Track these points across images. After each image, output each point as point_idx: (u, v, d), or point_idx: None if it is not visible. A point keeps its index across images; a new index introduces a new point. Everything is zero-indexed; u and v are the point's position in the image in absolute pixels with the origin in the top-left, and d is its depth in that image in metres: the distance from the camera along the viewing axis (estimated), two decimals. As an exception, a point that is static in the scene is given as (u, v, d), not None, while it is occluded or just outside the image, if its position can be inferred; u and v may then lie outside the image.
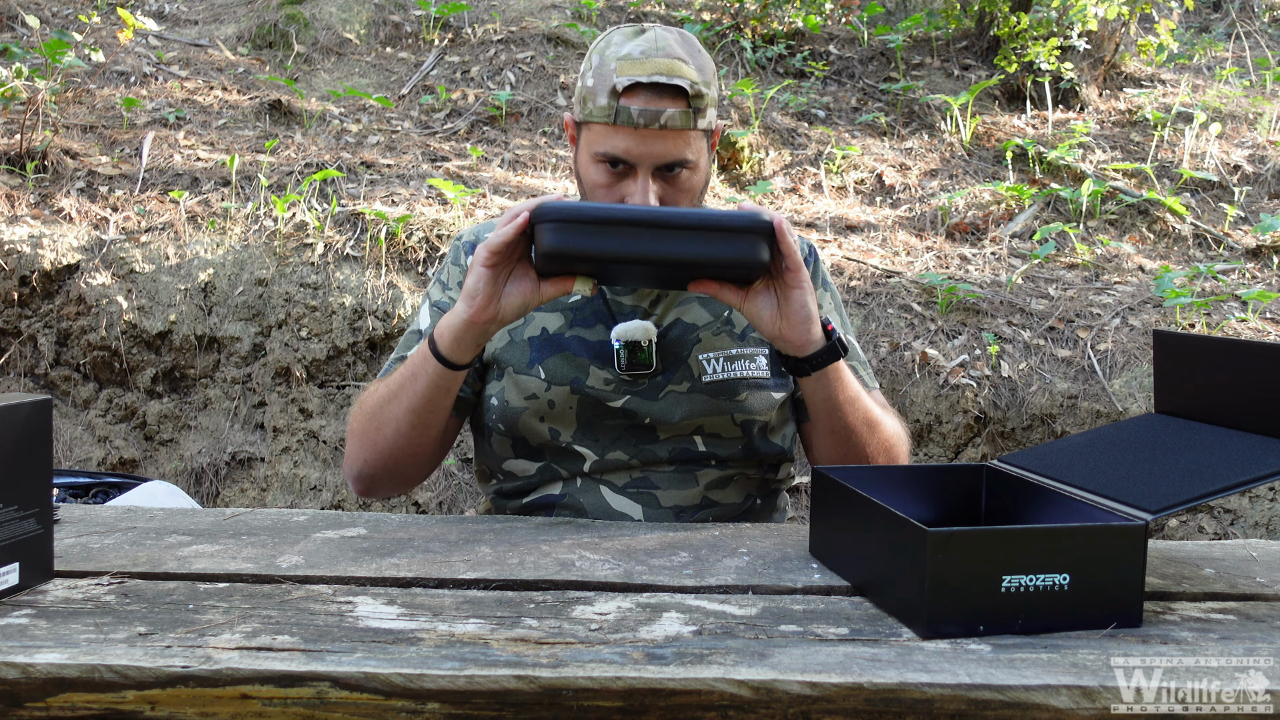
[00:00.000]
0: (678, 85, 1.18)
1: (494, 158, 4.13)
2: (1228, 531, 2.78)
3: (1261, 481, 0.86)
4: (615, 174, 1.22)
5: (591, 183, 1.25)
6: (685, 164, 1.22)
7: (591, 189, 1.25)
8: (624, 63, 1.19)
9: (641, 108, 1.18)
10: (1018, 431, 3.00)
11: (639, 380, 1.28)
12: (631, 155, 1.20)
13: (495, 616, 0.82)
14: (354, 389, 3.20)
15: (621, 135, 1.19)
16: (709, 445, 1.29)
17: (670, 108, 1.18)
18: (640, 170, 1.20)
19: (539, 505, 1.30)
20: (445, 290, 1.37)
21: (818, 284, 1.40)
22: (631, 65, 1.19)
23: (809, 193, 4.19)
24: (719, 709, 0.71)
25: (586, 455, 1.28)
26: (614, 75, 1.19)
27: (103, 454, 3.15)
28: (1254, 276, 3.66)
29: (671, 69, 1.18)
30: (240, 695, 0.70)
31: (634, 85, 1.18)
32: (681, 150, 1.21)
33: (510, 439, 1.31)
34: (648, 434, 1.28)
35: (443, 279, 1.39)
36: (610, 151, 1.20)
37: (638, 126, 1.18)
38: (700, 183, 1.28)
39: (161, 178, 3.64)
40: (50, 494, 0.88)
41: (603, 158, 1.21)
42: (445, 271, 1.39)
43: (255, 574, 0.91)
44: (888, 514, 0.84)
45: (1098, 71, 5.10)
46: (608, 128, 1.20)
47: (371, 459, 1.27)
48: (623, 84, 1.18)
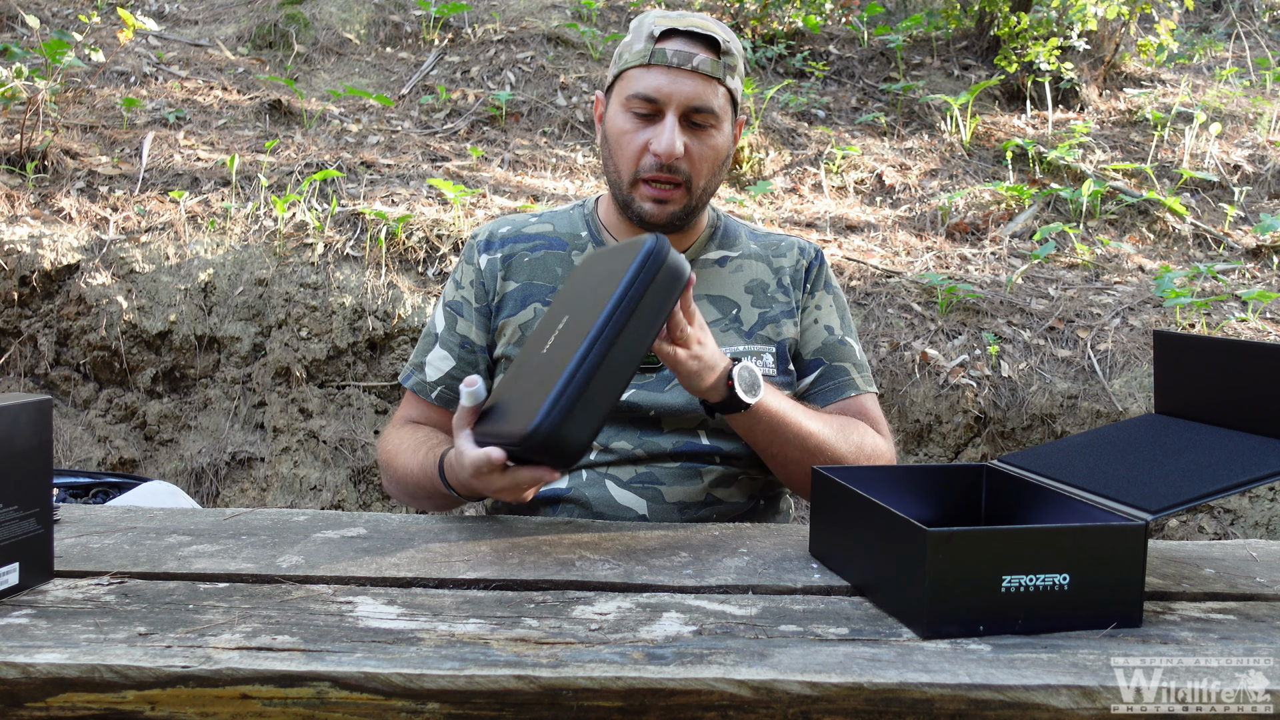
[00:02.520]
0: (711, 36, 1.26)
1: (494, 158, 4.13)
2: (1228, 531, 2.78)
3: (1261, 481, 0.86)
4: (643, 119, 1.27)
5: (618, 130, 1.29)
6: (711, 114, 1.26)
7: (618, 137, 1.29)
8: (662, 17, 1.28)
9: (677, 48, 1.25)
10: (1018, 431, 3.00)
11: (645, 373, 1.29)
12: (662, 93, 1.25)
13: (495, 616, 0.82)
14: (354, 389, 3.20)
15: (655, 73, 1.25)
16: (713, 440, 1.29)
17: (702, 53, 1.26)
18: (669, 110, 1.25)
19: (544, 499, 1.31)
20: (459, 289, 1.39)
21: (820, 286, 1.41)
22: (668, 19, 1.28)
23: (809, 193, 4.19)
24: (719, 709, 0.71)
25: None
26: (651, 25, 1.27)
27: (103, 454, 3.15)
28: (1254, 276, 3.66)
29: (705, 25, 1.28)
30: (240, 695, 0.70)
31: (670, 30, 1.27)
32: (709, 98, 1.26)
33: None
34: (652, 426, 1.29)
35: (456, 278, 1.40)
36: (642, 90, 1.25)
37: (671, 66, 1.25)
38: (723, 150, 1.31)
39: (161, 178, 3.64)
40: (50, 494, 0.88)
41: (634, 98, 1.26)
42: (459, 270, 1.40)
43: (255, 574, 0.91)
44: (888, 514, 0.84)
45: (1098, 71, 5.10)
46: (642, 69, 1.26)
47: (408, 501, 1.35)
48: (659, 29, 1.26)
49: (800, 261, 1.41)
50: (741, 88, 1.32)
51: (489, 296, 1.36)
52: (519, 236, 1.39)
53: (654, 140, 1.25)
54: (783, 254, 1.41)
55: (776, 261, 1.40)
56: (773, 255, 1.40)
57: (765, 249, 1.41)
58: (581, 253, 1.36)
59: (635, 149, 1.27)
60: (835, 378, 1.37)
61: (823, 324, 1.39)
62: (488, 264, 1.37)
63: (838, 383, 1.37)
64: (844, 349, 1.39)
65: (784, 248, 1.42)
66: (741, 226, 1.44)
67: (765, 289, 1.37)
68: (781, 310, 1.36)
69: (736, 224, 1.44)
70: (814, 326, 1.39)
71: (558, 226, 1.40)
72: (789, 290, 1.38)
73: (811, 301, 1.40)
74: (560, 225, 1.40)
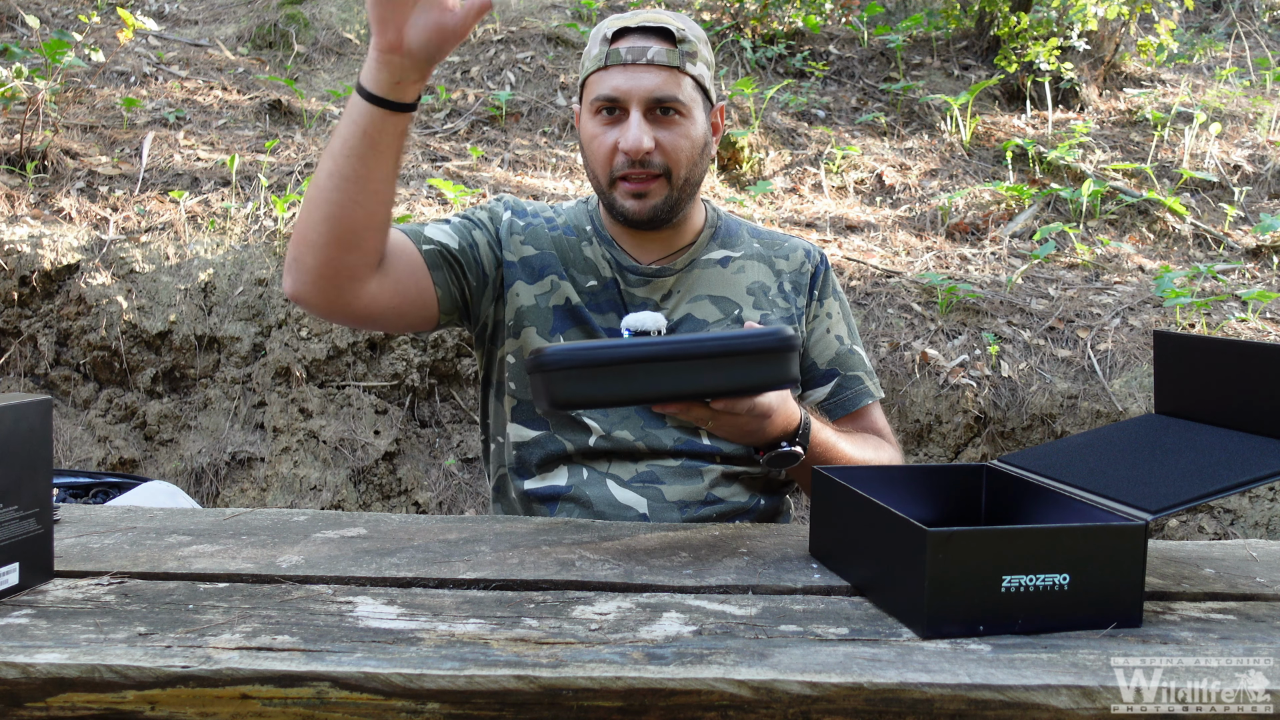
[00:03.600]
0: (663, 27, 1.26)
1: (494, 158, 4.13)
2: (1228, 531, 2.78)
3: (1261, 482, 0.86)
4: (610, 119, 1.27)
5: (589, 135, 1.29)
6: (676, 105, 1.26)
7: (589, 141, 1.29)
8: (615, 19, 1.29)
9: (630, 45, 1.26)
10: (1018, 431, 3.00)
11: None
12: (620, 91, 1.25)
13: (495, 616, 0.82)
14: (354, 389, 3.20)
15: (613, 74, 1.26)
16: (714, 440, 1.30)
17: (656, 45, 1.25)
18: (631, 106, 1.25)
19: (545, 495, 1.31)
20: (478, 213, 1.38)
21: (828, 293, 1.41)
22: (620, 19, 1.29)
23: (809, 193, 4.19)
24: (719, 709, 0.71)
25: (593, 427, 1.29)
26: (606, 28, 1.28)
27: (103, 454, 3.15)
28: (1254, 276, 3.66)
29: (657, 18, 1.28)
30: (240, 695, 0.70)
31: (622, 30, 1.27)
32: (670, 89, 1.25)
33: (517, 400, 1.33)
34: (655, 418, 1.29)
35: (473, 215, 1.38)
36: (603, 92, 1.26)
37: (626, 64, 1.25)
38: (698, 138, 1.29)
39: (161, 178, 3.64)
40: (50, 494, 0.88)
41: (597, 100, 1.26)
42: (479, 212, 1.39)
43: (255, 574, 0.91)
44: (888, 514, 0.84)
45: (1098, 71, 5.10)
46: (601, 72, 1.27)
47: (305, 243, 1.12)
48: (612, 30, 1.27)
49: (805, 265, 1.41)
50: (709, 73, 1.31)
51: (502, 246, 1.35)
52: (539, 213, 1.40)
53: (621, 138, 1.25)
54: (784, 255, 1.41)
55: (778, 264, 1.40)
56: (774, 256, 1.40)
57: (767, 249, 1.41)
58: (589, 244, 1.37)
59: (606, 150, 1.27)
60: (851, 387, 1.39)
61: (834, 333, 1.40)
62: (509, 221, 1.37)
63: (855, 392, 1.38)
64: (854, 358, 1.40)
65: (786, 249, 1.42)
66: (741, 224, 1.44)
67: (766, 292, 1.37)
68: (781, 316, 1.36)
69: (736, 222, 1.44)
70: (826, 336, 1.39)
71: (567, 218, 1.41)
72: (789, 296, 1.38)
73: (821, 310, 1.40)
74: (569, 218, 1.41)
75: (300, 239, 1.13)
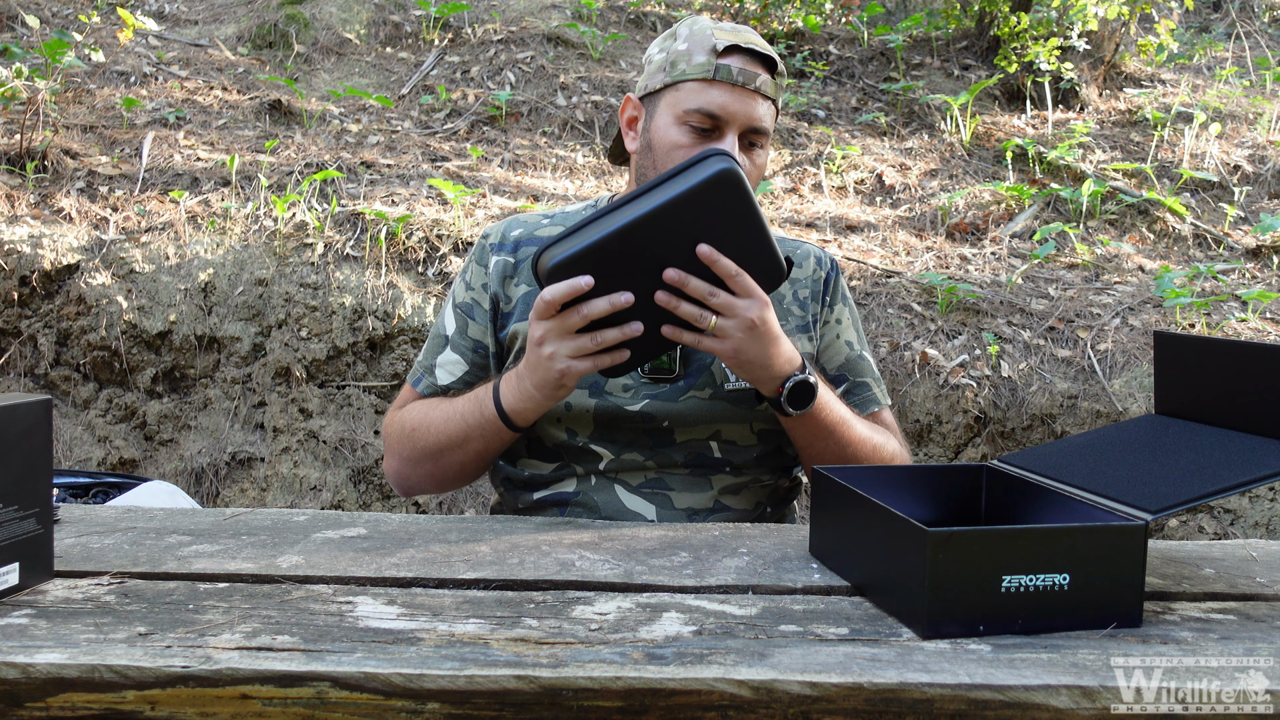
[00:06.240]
0: (770, 56, 1.25)
1: (494, 158, 4.13)
2: (1228, 531, 2.78)
3: (1261, 482, 0.86)
4: (700, 134, 1.24)
5: (670, 143, 1.25)
6: (765, 135, 1.26)
7: (669, 150, 1.25)
8: (720, 30, 1.25)
9: (741, 67, 1.23)
10: (1018, 431, 3.00)
11: (659, 383, 1.28)
12: (727, 111, 1.22)
13: (495, 616, 0.82)
14: (354, 389, 3.20)
15: (719, 90, 1.22)
16: (725, 452, 1.29)
17: (764, 73, 1.24)
18: (730, 130, 1.23)
19: (553, 501, 1.30)
20: (469, 290, 1.36)
21: (839, 299, 1.40)
22: (727, 34, 1.25)
23: (809, 193, 4.19)
24: (719, 709, 0.71)
25: (603, 454, 1.28)
26: (712, 38, 1.24)
27: (103, 454, 3.15)
28: (1254, 276, 3.66)
29: (763, 44, 1.26)
30: (240, 695, 0.70)
31: (733, 47, 1.23)
32: (766, 119, 1.25)
33: (525, 439, 1.32)
34: (664, 436, 1.28)
35: (467, 279, 1.37)
36: (706, 106, 1.22)
37: (736, 84, 1.22)
38: (764, 166, 1.31)
39: (161, 178, 3.64)
40: (50, 494, 0.88)
41: (695, 113, 1.23)
42: (469, 271, 1.38)
43: (255, 574, 0.91)
44: (888, 514, 0.84)
45: (1098, 71, 5.10)
46: (704, 84, 1.23)
47: (423, 482, 1.33)
48: (722, 44, 1.23)
49: (818, 272, 1.40)
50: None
51: (499, 300, 1.34)
52: (531, 239, 1.36)
53: None
54: (798, 264, 1.40)
55: (791, 272, 1.39)
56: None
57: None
58: None
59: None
60: (859, 393, 1.38)
61: (844, 339, 1.39)
62: (497, 265, 1.35)
63: (862, 398, 1.38)
64: (863, 364, 1.39)
65: (799, 257, 1.40)
66: None
67: (781, 300, 1.36)
68: (796, 324, 1.35)
69: None
70: (836, 342, 1.39)
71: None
72: (805, 304, 1.37)
73: (832, 315, 1.39)
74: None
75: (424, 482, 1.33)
